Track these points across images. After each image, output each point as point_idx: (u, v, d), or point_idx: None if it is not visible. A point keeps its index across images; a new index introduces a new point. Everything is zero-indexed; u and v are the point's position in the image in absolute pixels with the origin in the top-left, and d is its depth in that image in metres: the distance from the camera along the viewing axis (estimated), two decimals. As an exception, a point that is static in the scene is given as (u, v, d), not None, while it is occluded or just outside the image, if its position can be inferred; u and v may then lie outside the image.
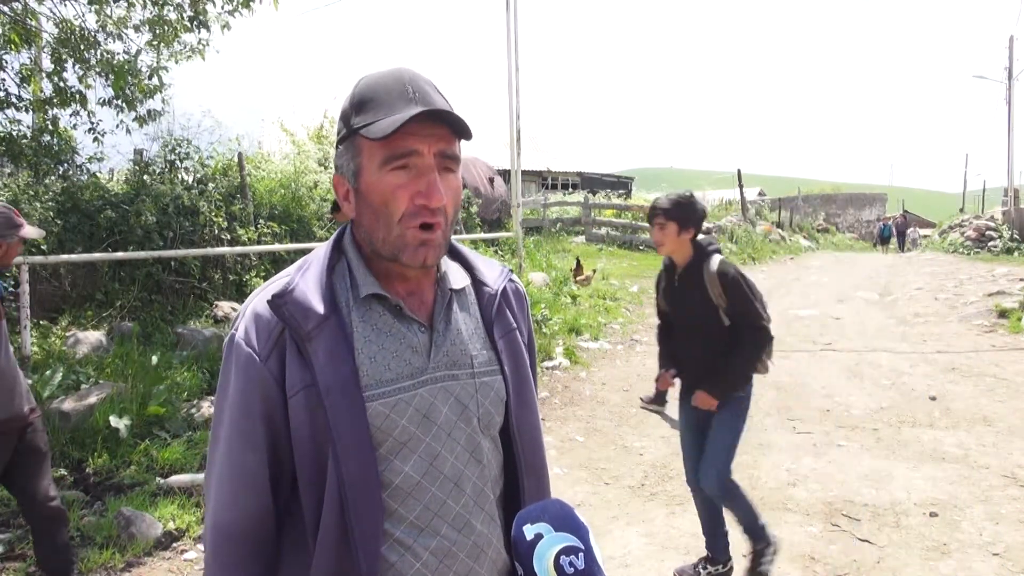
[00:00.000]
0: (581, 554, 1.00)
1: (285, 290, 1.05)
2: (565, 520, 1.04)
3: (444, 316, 1.15)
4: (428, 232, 1.06)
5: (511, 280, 1.27)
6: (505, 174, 16.93)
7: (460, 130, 1.07)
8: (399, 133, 1.01)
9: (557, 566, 0.99)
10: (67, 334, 6.52)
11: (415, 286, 1.14)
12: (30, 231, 2.98)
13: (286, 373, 1.04)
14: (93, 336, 6.47)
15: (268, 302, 1.05)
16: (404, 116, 1.01)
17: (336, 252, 1.14)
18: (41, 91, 7.35)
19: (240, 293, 8.24)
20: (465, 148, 1.10)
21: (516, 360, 1.19)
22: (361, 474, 1.03)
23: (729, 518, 3.33)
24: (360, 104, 1.07)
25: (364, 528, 1.03)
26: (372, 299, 1.10)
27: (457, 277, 1.20)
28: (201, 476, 4.40)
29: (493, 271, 1.25)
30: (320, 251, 1.14)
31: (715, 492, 3.19)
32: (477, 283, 1.22)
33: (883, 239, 29.65)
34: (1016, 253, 20.02)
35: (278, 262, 8.62)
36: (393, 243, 1.06)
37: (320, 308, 1.05)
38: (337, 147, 1.12)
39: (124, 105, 7.24)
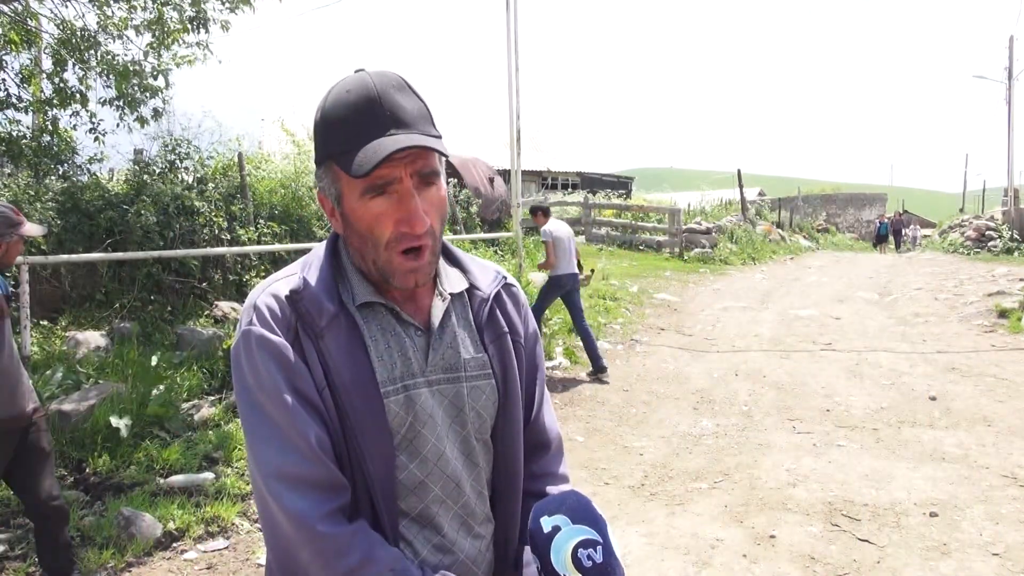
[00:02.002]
0: (599, 547, 1.00)
1: (300, 286, 1.07)
2: (583, 513, 1.04)
3: (442, 320, 1.15)
4: (415, 260, 1.05)
5: (506, 284, 1.26)
6: (505, 174, 16.91)
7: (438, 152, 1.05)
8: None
9: (575, 559, 0.99)
10: (67, 334, 6.53)
11: (411, 291, 1.14)
12: (31, 229, 2.96)
13: (309, 368, 1.04)
14: (93, 336, 6.47)
15: (286, 296, 1.06)
16: (378, 155, 0.98)
17: (334, 256, 1.15)
18: (41, 92, 7.35)
19: (240, 293, 8.24)
20: (465, 148, 1.10)
21: (505, 364, 1.19)
22: (383, 471, 1.05)
23: None
24: (331, 129, 1.04)
25: (390, 524, 1.06)
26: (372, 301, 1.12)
27: (455, 282, 1.20)
28: (201, 476, 4.40)
29: (487, 276, 1.25)
30: (319, 253, 1.14)
31: None
32: (470, 287, 1.22)
33: (881, 238, 29.16)
34: (1016, 253, 20.00)
35: (278, 262, 8.61)
36: (382, 267, 1.07)
37: (331, 306, 1.06)
38: (317, 166, 1.10)
39: (125, 106, 7.25)
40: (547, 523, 1.02)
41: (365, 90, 1.03)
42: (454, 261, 1.24)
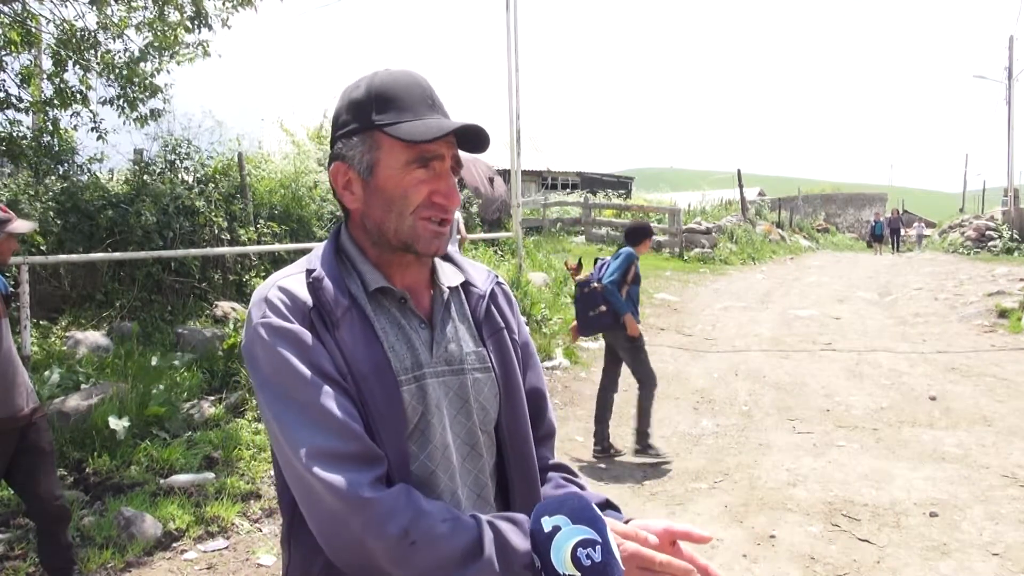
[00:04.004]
0: (598, 547, 1.02)
1: (317, 276, 1.09)
2: (583, 513, 1.06)
3: (442, 313, 1.18)
4: (442, 225, 1.12)
5: (498, 283, 1.31)
6: (505, 174, 16.92)
7: (483, 145, 1.14)
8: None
9: (574, 558, 1.01)
10: (67, 334, 6.53)
11: (413, 283, 1.17)
12: (19, 225, 2.93)
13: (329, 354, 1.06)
14: (93, 336, 6.47)
15: (309, 284, 1.08)
16: (444, 127, 1.07)
17: (338, 251, 1.16)
18: (41, 92, 7.34)
19: (240, 293, 8.24)
20: (465, 148, 1.17)
21: (504, 358, 1.22)
22: (398, 461, 1.06)
23: None
24: (382, 101, 1.10)
25: None
26: (379, 293, 1.13)
27: (450, 276, 1.23)
28: (201, 476, 4.40)
29: (480, 273, 1.29)
30: (322, 250, 1.16)
31: None
32: (466, 284, 1.25)
33: (876, 237, 28.14)
34: (1016, 253, 20.03)
35: (278, 262, 8.61)
36: (406, 233, 1.10)
37: (344, 297, 1.09)
38: (343, 137, 1.13)
39: (126, 105, 7.24)
40: (548, 523, 1.04)
41: (413, 77, 1.14)
42: (447, 257, 1.27)
